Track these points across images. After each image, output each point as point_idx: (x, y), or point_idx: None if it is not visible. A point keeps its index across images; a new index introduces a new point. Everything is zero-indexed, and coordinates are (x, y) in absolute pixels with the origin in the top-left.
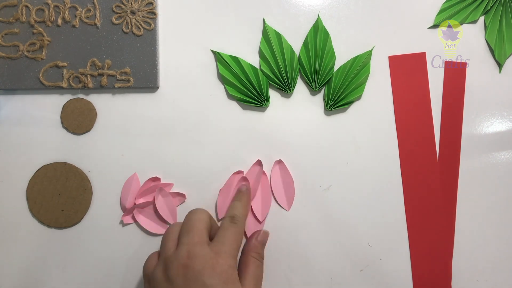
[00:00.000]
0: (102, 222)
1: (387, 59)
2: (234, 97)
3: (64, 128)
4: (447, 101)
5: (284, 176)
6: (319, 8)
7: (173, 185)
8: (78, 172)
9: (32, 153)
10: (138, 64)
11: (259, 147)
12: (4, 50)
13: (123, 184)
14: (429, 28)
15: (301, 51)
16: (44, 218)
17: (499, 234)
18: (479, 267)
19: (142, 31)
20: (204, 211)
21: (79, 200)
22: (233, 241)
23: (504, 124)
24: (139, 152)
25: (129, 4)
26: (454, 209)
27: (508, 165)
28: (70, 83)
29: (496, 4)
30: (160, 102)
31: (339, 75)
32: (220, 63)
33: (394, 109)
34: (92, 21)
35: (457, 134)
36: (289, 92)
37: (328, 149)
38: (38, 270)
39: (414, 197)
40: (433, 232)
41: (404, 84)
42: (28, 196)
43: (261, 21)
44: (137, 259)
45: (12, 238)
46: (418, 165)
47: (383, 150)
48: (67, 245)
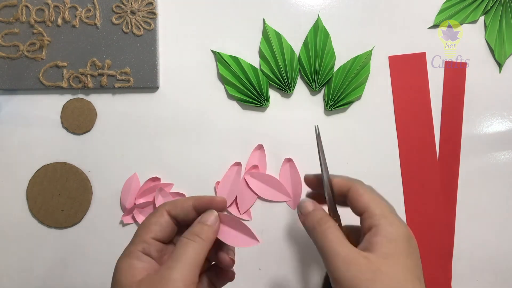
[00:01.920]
0: (102, 222)
1: (387, 59)
2: (234, 97)
3: (64, 128)
4: (447, 101)
5: (293, 175)
6: (319, 8)
7: (173, 185)
8: (78, 172)
9: (32, 153)
10: (138, 64)
11: None
12: (4, 50)
13: (123, 184)
14: (429, 28)
15: (301, 51)
16: (44, 218)
17: (499, 234)
18: (479, 267)
19: (142, 31)
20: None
21: (79, 200)
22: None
23: (504, 124)
24: (139, 152)
25: (129, 4)
26: (454, 209)
27: (508, 165)
28: (70, 83)
29: (496, 4)
30: (160, 102)
31: (339, 75)
32: (220, 63)
33: (394, 109)
34: (92, 21)
35: (457, 134)
36: (289, 92)
37: (328, 149)
38: (38, 270)
39: (414, 197)
40: (433, 232)
41: (404, 84)
42: (28, 196)
43: (261, 21)
44: None
45: (12, 238)
46: (418, 165)
47: (383, 150)
48: (67, 245)
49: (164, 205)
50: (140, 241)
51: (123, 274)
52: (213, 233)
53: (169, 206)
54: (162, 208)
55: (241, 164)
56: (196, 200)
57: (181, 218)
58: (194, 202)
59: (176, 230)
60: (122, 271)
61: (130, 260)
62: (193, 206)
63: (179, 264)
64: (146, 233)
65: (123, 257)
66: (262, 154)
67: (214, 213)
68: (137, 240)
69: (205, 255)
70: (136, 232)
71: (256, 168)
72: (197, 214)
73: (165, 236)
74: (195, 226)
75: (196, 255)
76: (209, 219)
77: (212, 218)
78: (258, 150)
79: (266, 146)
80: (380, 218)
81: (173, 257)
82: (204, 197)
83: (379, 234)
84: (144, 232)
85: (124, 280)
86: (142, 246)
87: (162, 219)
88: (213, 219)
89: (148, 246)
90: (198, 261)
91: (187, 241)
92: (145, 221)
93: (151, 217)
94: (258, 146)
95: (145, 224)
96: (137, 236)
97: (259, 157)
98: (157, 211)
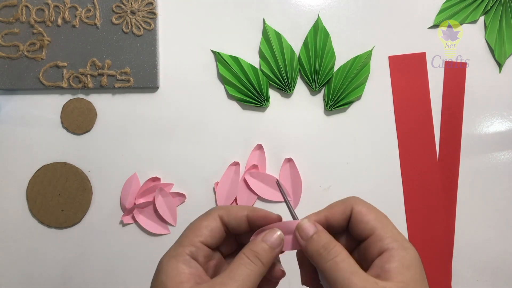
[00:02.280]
0: (102, 222)
1: (387, 59)
2: (234, 97)
3: (64, 128)
4: (447, 101)
5: (293, 175)
6: (319, 8)
7: (173, 185)
8: (78, 172)
9: (32, 153)
10: (138, 64)
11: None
12: (4, 50)
13: (123, 184)
14: (429, 28)
15: (301, 51)
16: (44, 218)
17: (499, 234)
18: (479, 267)
19: (142, 31)
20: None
21: (79, 200)
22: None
23: (504, 124)
24: (139, 152)
25: (129, 4)
26: (454, 209)
27: (508, 165)
28: (70, 83)
29: (496, 4)
30: (160, 102)
31: (339, 75)
32: (220, 63)
33: (394, 109)
34: (92, 21)
35: (457, 134)
36: (289, 92)
37: (328, 149)
38: (38, 270)
39: (414, 197)
40: (433, 232)
41: (404, 84)
42: (28, 196)
43: (261, 21)
44: (137, 259)
45: (12, 238)
46: (418, 165)
47: (383, 150)
48: (67, 245)
49: (217, 209)
50: (189, 244)
51: (170, 277)
52: (274, 257)
53: (222, 211)
54: (215, 213)
55: (239, 164)
56: (251, 212)
57: (232, 227)
58: (249, 213)
59: (225, 237)
60: (168, 274)
61: (177, 263)
62: (247, 217)
63: (234, 284)
64: (195, 236)
65: (170, 258)
66: (261, 154)
67: (279, 235)
68: (185, 242)
69: (260, 278)
70: (184, 232)
71: (256, 168)
72: (249, 226)
73: (214, 242)
74: (258, 245)
75: (253, 279)
76: (274, 241)
77: (276, 241)
78: (257, 150)
79: (266, 146)
80: (392, 241)
81: (229, 274)
82: (260, 211)
83: (394, 260)
84: (194, 234)
85: (169, 284)
86: (190, 250)
87: (214, 224)
88: (277, 242)
89: (196, 250)
90: (253, 284)
91: (246, 261)
92: (196, 223)
93: (203, 220)
94: (257, 146)
95: (195, 227)
96: (186, 237)
97: (259, 157)
98: (210, 215)
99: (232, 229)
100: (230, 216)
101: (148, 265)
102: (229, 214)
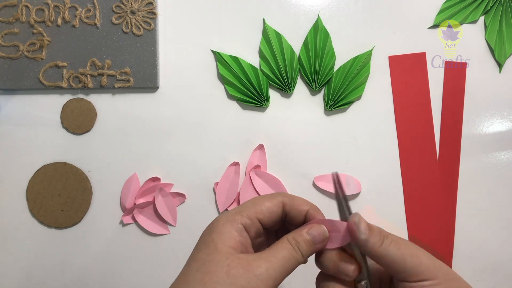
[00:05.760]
0: (102, 222)
1: (387, 59)
2: (234, 97)
3: (64, 128)
4: (447, 101)
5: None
6: (319, 8)
7: (173, 185)
8: (78, 172)
9: (32, 153)
10: (138, 64)
11: None
12: (4, 50)
13: (123, 184)
14: (429, 28)
15: (301, 51)
16: (44, 218)
17: (499, 234)
18: (479, 267)
19: (142, 31)
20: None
21: (79, 200)
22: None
23: (504, 124)
24: (139, 152)
25: (129, 4)
26: (454, 209)
27: (508, 165)
28: (70, 83)
29: (496, 4)
30: (160, 102)
31: (339, 75)
32: (220, 63)
33: (394, 109)
34: (92, 21)
35: (457, 134)
36: (289, 92)
37: (328, 149)
38: (38, 270)
39: (414, 197)
40: (433, 232)
41: (404, 84)
42: (28, 196)
43: (261, 21)
44: (137, 259)
45: (12, 238)
46: (418, 165)
47: (383, 150)
48: (67, 245)
49: (283, 195)
50: (247, 216)
51: (221, 238)
52: (314, 251)
53: (287, 199)
54: (281, 198)
55: (239, 164)
56: (312, 210)
57: (290, 217)
58: (310, 210)
59: (279, 225)
60: (221, 234)
61: (231, 229)
62: (307, 212)
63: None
64: (255, 212)
65: (226, 220)
66: (262, 154)
67: (323, 232)
68: (244, 213)
69: (296, 266)
70: (246, 203)
71: (259, 168)
72: (305, 221)
73: (268, 223)
74: (301, 236)
75: (291, 263)
76: (317, 236)
77: (319, 236)
78: (258, 150)
79: (266, 146)
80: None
81: (273, 252)
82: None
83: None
84: (254, 210)
85: (220, 244)
86: (246, 222)
87: (276, 208)
88: (320, 238)
89: (252, 224)
90: (291, 268)
91: (288, 246)
92: (259, 201)
93: (267, 200)
94: (258, 146)
95: (258, 203)
96: (246, 208)
97: (260, 157)
98: (275, 198)
99: (289, 219)
100: (293, 207)
101: (148, 265)
102: (293, 205)
